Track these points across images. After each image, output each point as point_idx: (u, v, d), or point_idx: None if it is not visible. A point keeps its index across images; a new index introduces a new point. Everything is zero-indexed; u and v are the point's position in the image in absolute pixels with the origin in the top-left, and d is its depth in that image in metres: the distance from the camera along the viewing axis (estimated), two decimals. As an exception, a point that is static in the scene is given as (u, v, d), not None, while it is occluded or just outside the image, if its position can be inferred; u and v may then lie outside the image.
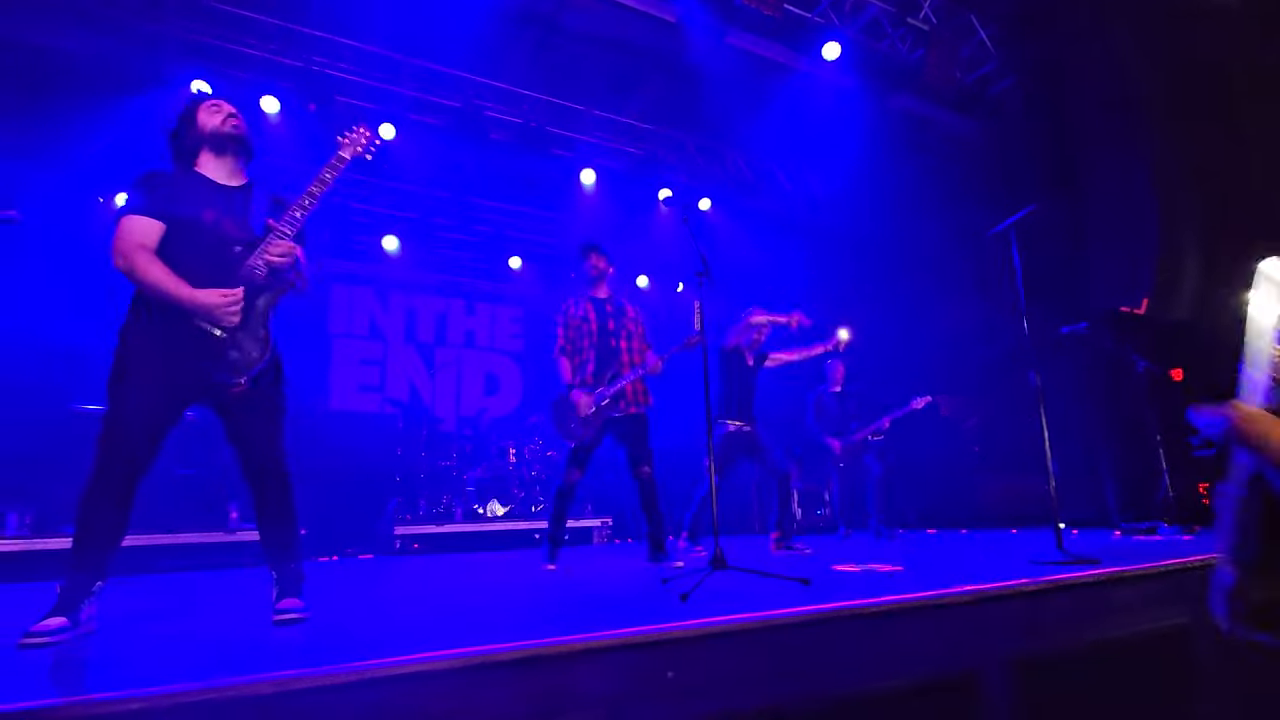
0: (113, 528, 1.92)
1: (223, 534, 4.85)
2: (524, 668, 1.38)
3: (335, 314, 7.44)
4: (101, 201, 5.57)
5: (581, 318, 3.74)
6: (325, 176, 2.18)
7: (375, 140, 2.34)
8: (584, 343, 3.70)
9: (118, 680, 1.31)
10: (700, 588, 2.23)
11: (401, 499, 5.95)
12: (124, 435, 1.90)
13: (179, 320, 1.95)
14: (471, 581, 3.15)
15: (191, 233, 2.03)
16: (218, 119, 2.17)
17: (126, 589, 3.18)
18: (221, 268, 2.02)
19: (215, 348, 1.97)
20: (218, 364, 1.98)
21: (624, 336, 3.75)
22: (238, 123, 2.20)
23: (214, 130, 2.16)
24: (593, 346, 3.68)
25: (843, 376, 6.00)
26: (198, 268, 1.98)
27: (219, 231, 2.06)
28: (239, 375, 2.00)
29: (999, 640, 1.96)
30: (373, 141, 2.32)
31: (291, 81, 5.38)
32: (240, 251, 2.05)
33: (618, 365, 3.64)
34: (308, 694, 1.22)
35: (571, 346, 3.73)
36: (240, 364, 2.00)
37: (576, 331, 3.72)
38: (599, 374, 3.64)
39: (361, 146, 2.31)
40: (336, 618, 2.10)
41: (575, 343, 3.72)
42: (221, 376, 1.98)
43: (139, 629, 2.07)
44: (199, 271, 1.98)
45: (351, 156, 2.29)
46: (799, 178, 7.56)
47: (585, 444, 3.58)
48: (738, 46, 5.51)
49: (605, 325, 3.74)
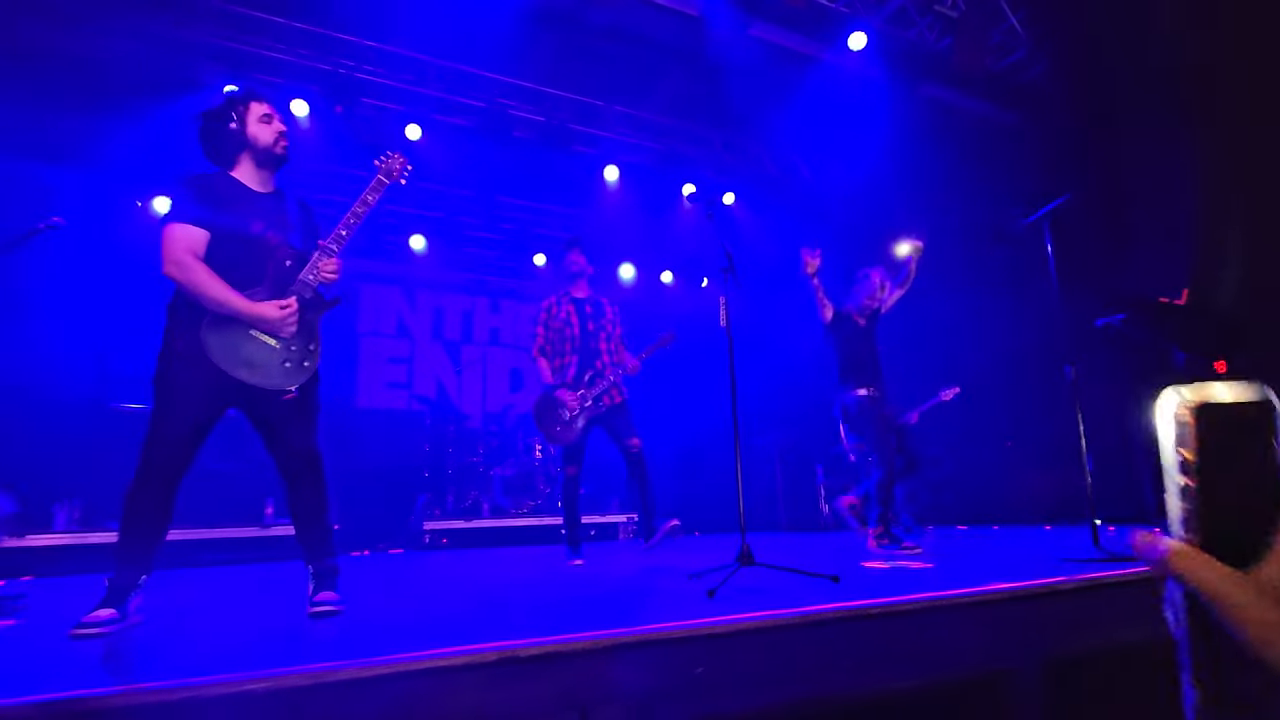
0: (156, 523, 1.99)
1: (258, 529, 4.98)
2: (552, 663, 1.39)
3: (364, 313, 7.56)
4: (139, 205, 5.73)
5: (564, 321, 3.79)
6: (368, 199, 2.25)
7: (408, 166, 2.40)
8: (566, 346, 3.75)
9: (165, 670, 1.35)
10: (727, 584, 2.22)
11: (430, 495, 6.04)
12: (167, 436, 1.96)
13: (233, 329, 2.00)
14: (500, 576, 3.18)
15: (238, 242, 2.07)
16: (269, 136, 2.20)
17: (169, 582, 3.29)
18: (272, 279, 2.08)
19: (270, 358, 2.03)
20: (270, 374, 2.04)
21: (603, 338, 3.80)
22: (287, 144, 2.24)
23: (265, 146, 2.20)
24: (575, 351, 3.73)
25: None
26: (250, 278, 2.04)
27: (266, 243, 2.11)
28: (291, 384, 2.06)
29: (1032, 640, 1.92)
30: (406, 167, 2.38)
31: (319, 84, 5.48)
32: (291, 265, 2.12)
33: (599, 366, 3.71)
34: (343, 685, 1.25)
35: (552, 348, 3.78)
36: (293, 374, 2.07)
37: (559, 335, 3.77)
38: (579, 376, 3.69)
39: (397, 172, 2.36)
40: (370, 611, 2.14)
41: (556, 345, 3.77)
42: (274, 386, 2.05)
43: (183, 621, 2.14)
44: (251, 282, 2.04)
45: (390, 182, 2.35)
46: (824, 170, 7.46)
47: (573, 443, 3.64)
48: (761, 38, 5.46)
49: (586, 326, 3.79)
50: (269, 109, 2.24)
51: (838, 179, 7.12)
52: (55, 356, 5.13)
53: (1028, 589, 1.99)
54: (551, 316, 3.80)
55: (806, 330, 7.64)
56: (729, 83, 5.77)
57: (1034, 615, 1.98)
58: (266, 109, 2.23)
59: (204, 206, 2.07)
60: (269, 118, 2.22)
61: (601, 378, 3.66)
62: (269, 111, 2.23)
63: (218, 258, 2.03)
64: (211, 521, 4.82)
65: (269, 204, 2.20)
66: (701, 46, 5.43)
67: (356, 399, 7.32)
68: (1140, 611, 2.17)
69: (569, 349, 3.73)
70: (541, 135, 6.30)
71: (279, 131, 2.22)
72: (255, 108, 2.21)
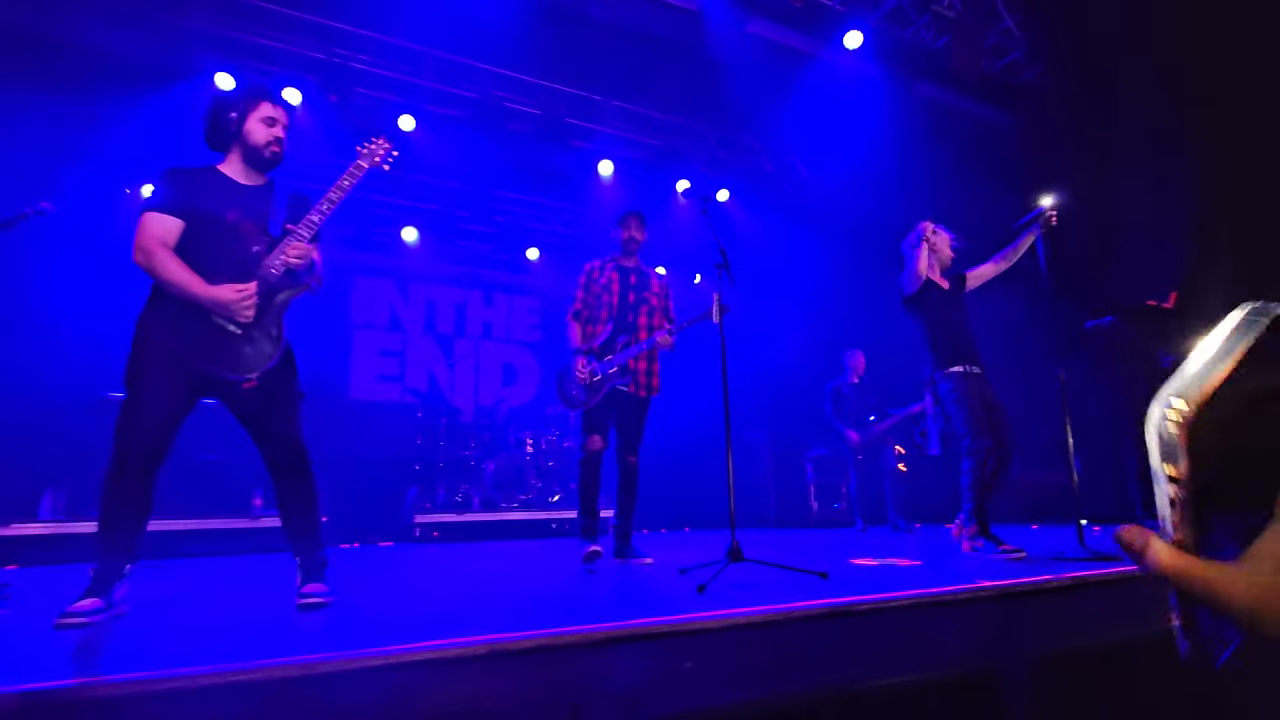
0: (134, 513, 1.98)
1: (247, 520, 4.95)
2: (542, 656, 1.40)
3: (356, 305, 7.52)
4: (128, 193, 5.67)
5: (604, 286, 3.51)
6: (344, 183, 2.21)
7: (393, 152, 2.36)
8: (601, 313, 3.49)
9: (150, 660, 1.34)
10: (717, 580, 2.23)
11: (421, 487, 6.02)
12: (139, 424, 1.95)
13: (195, 315, 2.00)
14: (490, 570, 3.18)
15: (211, 231, 2.07)
16: (263, 137, 2.18)
17: (155, 573, 3.26)
18: (239, 266, 2.06)
19: (230, 344, 2.02)
20: (231, 360, 2.02)
21: (644, 311, 3.53)
22: (278, 150, 2.21)
23: (255, 145, 2.18)
24: (611, 319, 3.47)
25: (863, 367, 5.91)
26: (216, 265, 2.03)
27: (238, 231, 2.10)
28: (251, 372, 2.04)
29: (1019, 637, 1.94)
30: (390, 153, 2.35)
31: (314, 74, 5.43)
32: (258, 251, 2.10)
33: (630, 337, 3.46)
34: (331, 677, 1.25)
35: (588, 312, 3.53)
36: (253, 361, 2.04)
37: (596, 300, 3.51)
38: (610, 345, 3.43)
39: (379, 157, 2.33)
40: (358, 603, 2.13)
41: (593, 309, 3.51)
42: (234, 374, 2.03)
43: (169, 611, 2.13)
44: (217, 269, 2.02)
45: (370, 166, 2.31)
46: (820, 168, 7.47)
47: (594, 407, 3.34)
48: (758, 35, 5.46)
49: (626, 298, 3.52)
50: (276, 113, 2.21)
51: (833, 177, 7.13)
52: (45, 344, 5.08)
53: (1015, 587, 2.01)
54: (592, 280, 3.54)
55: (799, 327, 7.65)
56: (726, 79, 5.77)
57: (1021, 613, 2.00)
58: (272, 113, 2.20)
59: (181, 197, 2.07)
60: (272, 121, 2.20)
61: (633, 346, 3.40)
62: (274, 115, 2.20)
63: (191, 246, 2.04)
64: (199, 512, 4.79)
65: (252, 195, 2.18)
66: (699, 42, 5.42)
67: (349, 391, 7.28)
68: (1124, 610, 2.20)
69: (604, 316, 3.47)
70: (537, 128, 6.28)
71: (274, 137, 2.19)
72: (262, 108, 2.20)
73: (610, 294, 3.50)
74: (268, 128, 2.19)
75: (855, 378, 5.89)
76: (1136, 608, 2.23)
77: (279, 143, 2.21)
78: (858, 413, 5.79)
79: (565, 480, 6.38)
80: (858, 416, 5.78)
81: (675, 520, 6.62)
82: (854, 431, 5.71)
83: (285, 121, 2.23)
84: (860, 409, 5.80)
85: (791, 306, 7.77)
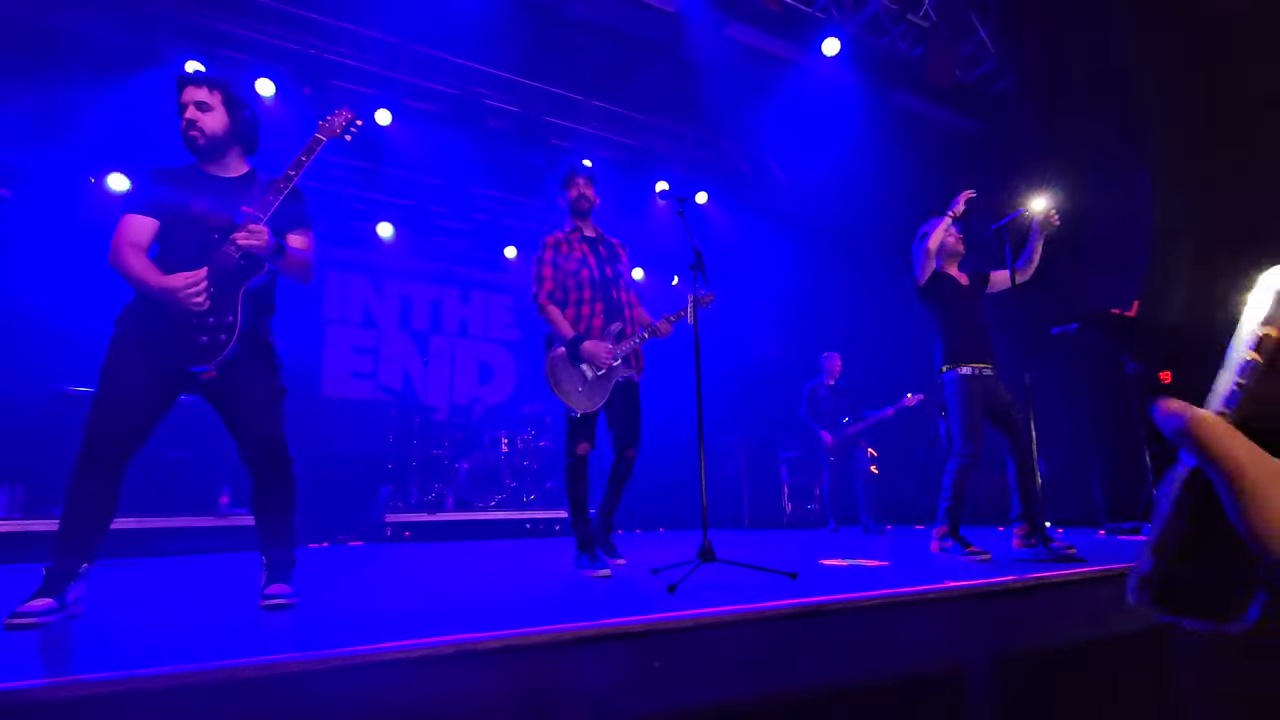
0: (99, 510, 1.93)
1: (213, 518, 4.84)
2: (510, 656, 1.39)
3: (329, 301, 7.41)
4: (93, 182, 5.51)
5: (579, 262, 3.10)
6: (301, 159, 2.17)
7: (355, 121, 2.31)
8: (585, 293, 3.06)
9: (103, 662, 1.31)
10: (688, 579, 2.24)
11: (393, 486, 5.95)
12: (109, 418, 1.92)
13: (160, 309, 1.97)
14: (461, 570, 3.15)
15: (184, 226, 2.06)
16: (181, 127, 2.12)
17: (115, 572, 3.18)
18: (204, 256, 2.03)
19: (186, 335, 1.98)
20: (187, 351, 1.98)
21: (623, 286, 3.15)
22: (195, 134, 2.12)
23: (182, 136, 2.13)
24: (596, 298, 3.06)
25: (839, 370, 5.96)
26: (185, 259, 2.01)
27: (207, 222, 2.07)
28: (206, 363, 1.99)
29: (983, 636, 1.98)
30: (352, 122, 2.30)
31: (287, 65, 5.33)
32: (218, 238, 2.05)
33: (623, 321, 3.07)
34: (294, 678, 1.23)
35: (564, 294, 3.07)
36: (209, 351, 1.99)
37: (573, 279, 3.07)
38: (605, 330, 3.04)
39: (340, 128, 2.28)
40: (324, 604, 2.10)
41: (571, 291, 3.07)
42: (193, 365, 1.99)
43: (126, 612, 2.07)
44: (186, 262, 2.00)
45: (328, 138, 2.26)
46: (795, 172, 7.55)
47: (592, 412, 2.96)
48: (737, 39, 5.49)
49: (604, 272, 3.11)
50: (185, 96, 2.12)
51: (810, 181, 7.21)
52: (1, 336, 4.91)
53: (980, 587, 2.05)
54: (561, 256, 3.08)
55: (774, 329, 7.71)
56: (705, 82, 5.80)
57: (986, 613, 2.04)
58: (183, 98, 2.12)
59: (156, 195, 2.05)
60: (183, 107, 2.13)
61: (628, 337, 3.04)
62: (184, 100, 2.13)
63: (169, 243, 2.05)
64: (163, 510, 4.67)
65: (229, 187, 2.14)
66: (679, 44, 5.44)
67: (321, 388, 7.17)
68: (1084, 611, 2.26)
69: (588, 295, 3.05)
70: (516, 126, 6.25)
71: (186, 120, 2.11)
72: (183, 95, 2.13)
73: (588, 268, 3.09)
74: (181, 116, 2.14)
75: (831, 380, 5.94)
76: (1095, 609, 2.29)
77: (190, 124, 2.12)
78: (832, 414, 5.84)
79: (541, 480, 6.35)
80: (832, 418, 5.83)
81: (649, 520, 6.63)
82: (828, 433, 5.76)
83: (196, 99, 2.12)
84: (835, 411, 5.86)
85: (766, 308, 7.83)
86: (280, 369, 2.19)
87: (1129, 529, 4.37)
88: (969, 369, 3.28)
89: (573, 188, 3.22)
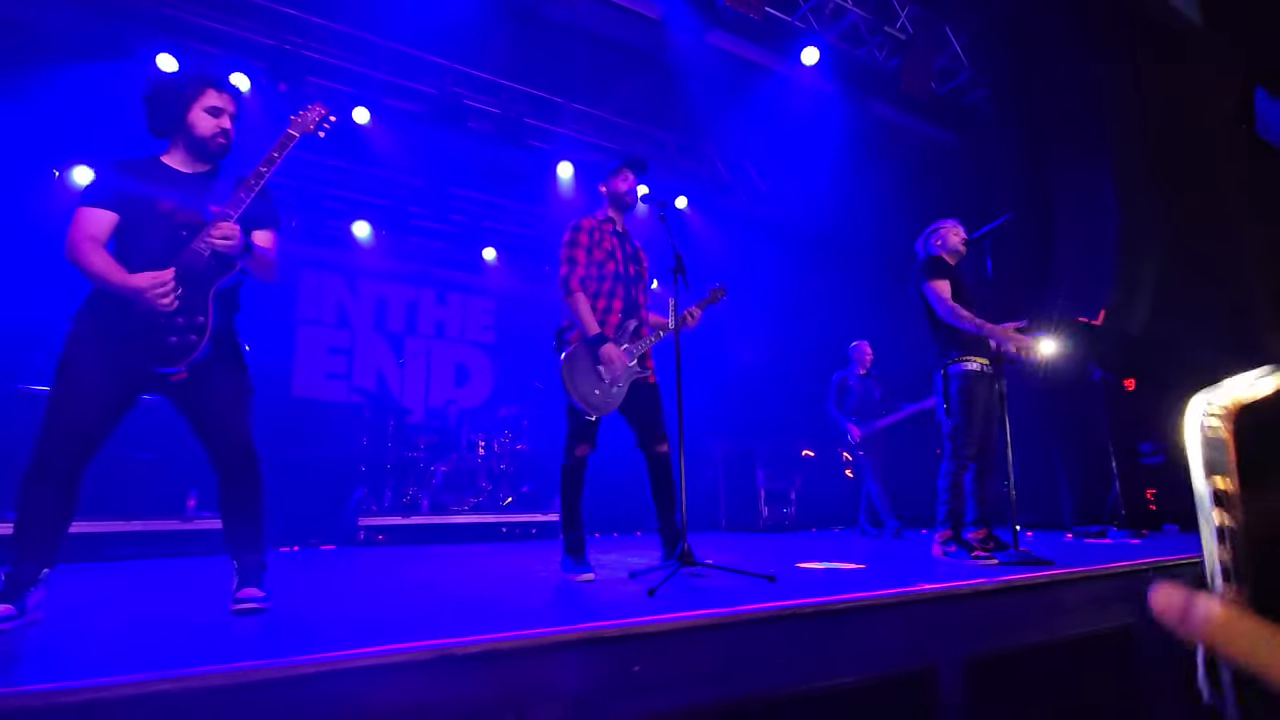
0: (56, 513, 1.88)
1: (179, 522, 4.72)
2: (488, 661, 1.38)
3: (302, 300, 7.27)
4: (57, 175, 5.36)
5: (608, 253, 2.93)
6: (273, 155, 2.11)
7: (329, 117, 2.26)
8: (605, 285, 2.90)
9: (64, 671, 1.27)
10: (667, 583, 2.24)
11: (367, 489, 5.86)
12: (65, 419, 1.86)
13: (124, 308, 1.91)
14: (437, 574, 3.12)
15: (146, 222, 1.99)
16: (208, 129, 2.08)
17: (78, 577, 3.08)
18: (169, 254, 1.97)
19: (154, 335, 1.92)
20: (156, 352, 1.92)
21: (642, 289, 3.05)
22: (225, 142, 2.11)
23: (200, 137, 2.08)
24: (617, 294, 2.92)
25: (870, 359, 5.61)
26: (154, 257, 1.94)
27: (173, 219, 2.01)
28: (176, 364, 1.94)
29: (955, 638, 2.01)
30: (325, 118, 2.25)
31: (262, 60, 5.24)
32: (185, 236, 2.00)
33: (639, 321, 2.96)
34: (266, 685, 1.20)
35: (592, 285, 2.90)
36: (179, 352, 1.94)
37: (598, 268, 2.90)
38: (622, 326, 2.89)
39: (313, 124, 2.23)
40: (297, 609, 2.06)
41: (588, 281, 2.89)
42: (161, 366, 1.94)
43: (88, 618, 2.01)
44: (156, 260, 1.93)
45: (301, 134, 2.21)
46: (774, 179, 7.63)
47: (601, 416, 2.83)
48: (718, 46, 5.54)
49: (628, 270, 2.99)
50: (222, 101, 2.10)
51: (789, 188, 7.29)
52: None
53: (953, 590, 2.08)
54: (594, 244, 2.91)
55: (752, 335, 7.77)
56: (686, 88, 5.84)
57: (958, 615, 2.08)
58: (218, 101, 2.10)
59: (117, 189, 1.98)
60: (217, 111, 2.09)
61: (641, 336, 2.93)
62: (219, 105, 2.10)
63: (129, 239, 1.97)
64: (128, 513, 4.53)
65: (194, 183, 2.09)
66: (660, 50, 5.46)
67: (292, 388, 7.03)
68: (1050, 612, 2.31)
69: (608, 288, 2.90)
70: (496, 127, 6.21)
71: (220, 128, 2.09)
72: (207, 96, 2.08)
73: (615, 262, 2.94)
74: (213, 118, 2.08)
75: (861, 369, 5.58)
76: (1065, 610, 2.34)
77: (225, 134, 2.10)
78: (862, 406, 5.48)
79: (517, 484, 6.30)
80: (861, 410, 5.46)
81: (627, 524, 6.62)
82: (855, 426, 5.38)
83: (233, 110, 2.13)
84: (865, 402, 5.48)
85: (744, 314, 7.88)
86: (248, 369, 2.14)
87: (1095, 532, 4.47)
88: (976, 364, 3.26)
89: (623, 180, 3.09)
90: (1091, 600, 2.40)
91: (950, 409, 3.29)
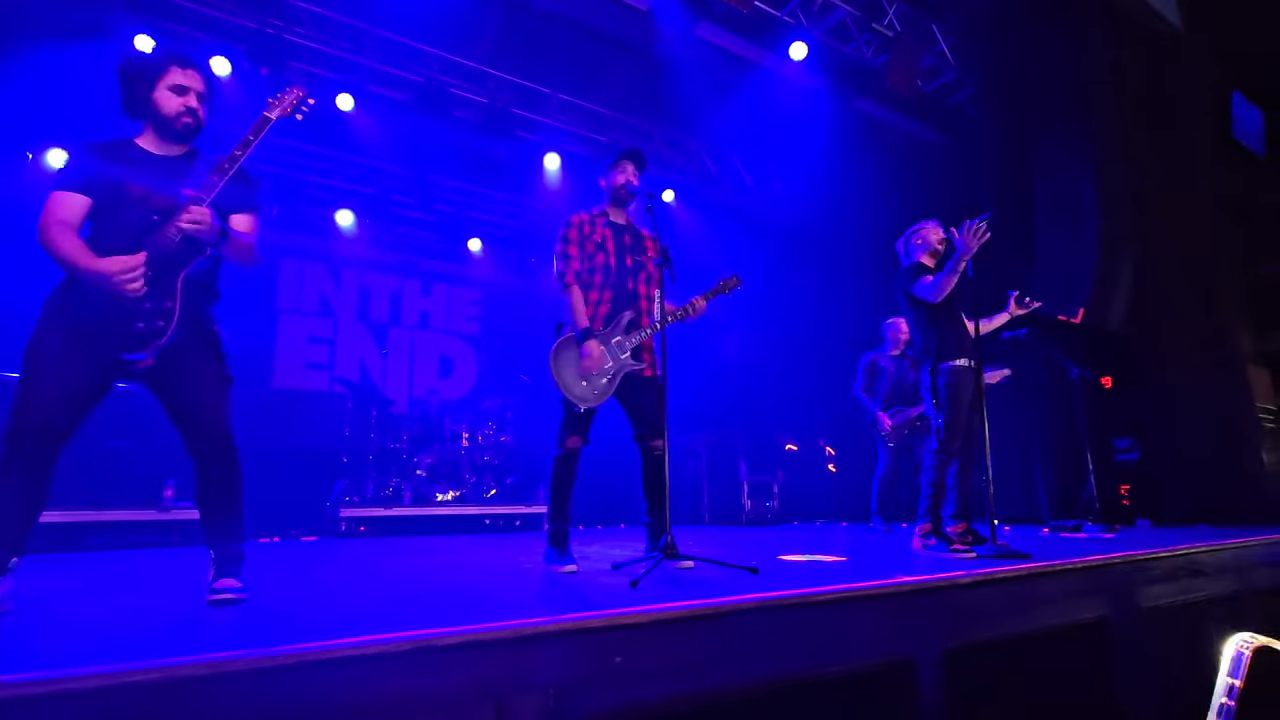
0: (26, 501, 1.84)
1: (156, 512, 4.65)
2: (469, 652, 1.37)
3: (284, 289, 7.18)
4: (30, 158, 5.23)
5: (598, 245, 2.94)
6: (249, 139, 2.06)
7: (307, 99, 2.21)
8: (595, 278, 2.91)
9: (34, 661, 1.24)
10: (651, 575, 2.25)
11: (348, 480, 5.80)
12: (34, 407, 1.82)
13: (93, 293, 1.87)
14: (419, 565, 3.10)
15: (119, 206, 1.95)
16: (173, 108, 2.03)
17: (51, 567, 3.02)
18: (142, 238, 1.93)
19: (122, 321, 1.88)
20: (122, 338, 1.89)
21: (642, 279, 3.01)
22: (191, 121, 2.06)
23: (165, 117, 2.04)
24: (608, 285, 2.92)
25: (906, 337, 4.95)
26: (121, 240, 1.90)
27: (146, 203, 1.96)
28: (143, 350, 1.90)
29: (934, 630, 2.04)
30: (304, 101, 2.19)
31: (244, 43, 5.14)
32: (157, 220, 1.95)
33: (636, 312, 2.93)
34: (243, 677, 1.19)
35: (585, 275, 2.91)
36: (146, 338, 1.90)
37: (589, 261, 2.92)
38: (612, 319, 2.89)
39: (291, 107, 2.18)
40: (275, 600, 2.04)
41: (586, 275, 2.91)
42: (128, 353, 1.90)
43: (61, 608, 1.98)
44: (122, 244, 1.89)
45: (278, 117, 2.15)
46: (761, 173, 7.64)
47: (593, 407, 2.84)
48: (707, 40, 5.53)
49: (623, 261, 2.97)
50: (187, 80, 2.05)
51: (775, 182, 7.31)
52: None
53: (931, 582, 2.11)
54: (585, 237, 2.93)
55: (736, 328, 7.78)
56: (674, 80, 5.82)
57: (936, 607, 2.10)
58: (182, 79, 2.04)
59: (90, 172, 1.94)
60: (182, 89, 2.04)
61: (638, 327, 2.90)
62: (183, 83, 2.04)
63: (102, 223, 1.94)
64: (104, 503, 4.45)
65: (169, 166, 2.04)
66: (648, 42, 5.44)
67: (273, 378, 6.95)
68: (1025, 604, 2.35)
69: (599, 280, 2.91)
70: (482, 117, 6.16)
71: (184, 106, 2.04)
72: (170, 75, 2.03)
73: (606, 254, 2.94)
74: (178, 96, 2.04)
75: (895, 350, 5.00)
76: (1041, 602, 2.38)
77: (190, 113, 2.05)
78: (895, 391, 4.93)
79: (501, 475, 6.29)
80: (895, 395, 4.92)
81: (610, 516, 6.62)
82: (885, 415, 4.89)
83: (199, 88, 2.07)
84: (899, 387, 4.93)
85: (729, 307, 7.90)
86: (226, 357, 2.11)
87: (1070, 527, 4.55)
88: (963, 361, 3.35)
89: (621, 173, 3.03)
90: (1067, 593, 2.44)
91: (940, 404, 3.38)
